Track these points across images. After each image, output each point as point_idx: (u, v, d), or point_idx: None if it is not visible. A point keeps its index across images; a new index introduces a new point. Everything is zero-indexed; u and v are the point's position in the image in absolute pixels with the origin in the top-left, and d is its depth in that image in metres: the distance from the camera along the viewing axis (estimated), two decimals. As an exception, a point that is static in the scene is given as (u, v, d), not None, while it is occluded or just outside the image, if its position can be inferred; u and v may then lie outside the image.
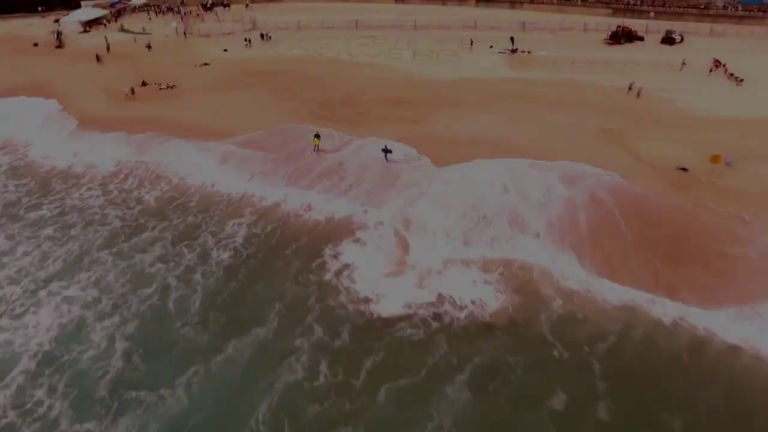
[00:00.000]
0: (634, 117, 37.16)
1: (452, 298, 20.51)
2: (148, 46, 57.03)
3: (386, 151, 30.81)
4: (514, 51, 53.13)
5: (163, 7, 76.10)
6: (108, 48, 57.05)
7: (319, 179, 29.82)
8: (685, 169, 29.60)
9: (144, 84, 45.29)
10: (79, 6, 78.68)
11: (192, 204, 28.02)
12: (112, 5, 75.52)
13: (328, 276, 22.10)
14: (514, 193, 27.19)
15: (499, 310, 20.26)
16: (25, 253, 24.51)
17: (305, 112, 38.40)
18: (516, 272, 22.58)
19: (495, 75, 46.77)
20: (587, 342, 19.15)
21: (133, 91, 43.22)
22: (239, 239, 24.43)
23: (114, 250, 23.80)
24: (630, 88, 41.28)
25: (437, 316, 19.90)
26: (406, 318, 19.62)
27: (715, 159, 28.35)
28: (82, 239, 25.39)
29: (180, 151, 33.64)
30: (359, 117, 37.53)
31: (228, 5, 75.97)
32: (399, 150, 31.79)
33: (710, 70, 46.03)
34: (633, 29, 56.54)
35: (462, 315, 19.97)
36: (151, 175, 31.69)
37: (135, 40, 61.28)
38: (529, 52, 52.88)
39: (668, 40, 55.49)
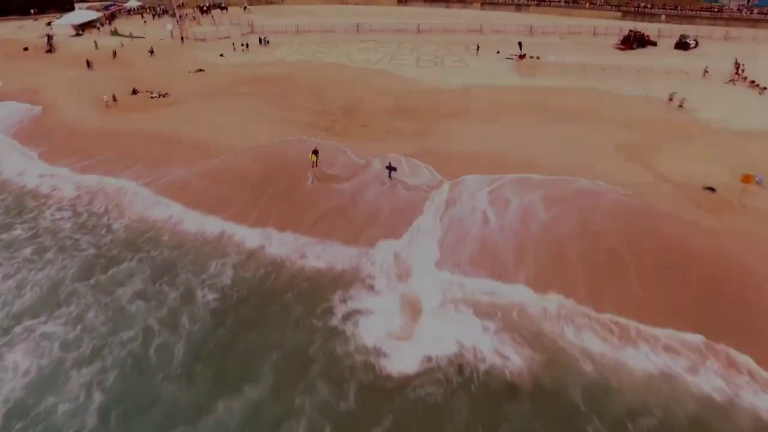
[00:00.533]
0: (653, 129, 34.97)
1: (468, 349, 18.25)
2: (151, 51, 54.77)
3: (390, 168, 28.65)
4: (522, 56, 50.98)
5: (158, 9, 74.02)
6: (113, 51, 54.95)
7: (319, 222, 25.66)
8: (712, 189, 27.43)
9: (134, 92, 43.15)
10: (72, 8, 76.72)
11: (164, 238, 25.11)
12: (106, 8, 73.41)
13: (330, 325, 19.59)
14: (495, 222, 24.79)
15: (520, 366, 17.96)
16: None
17: (303, 122, 36.23)
18: (519, 320, 19.94)
19: (503, 82, 44.60)
20: (626, 417, 16.43)
21: (114, 98, 41.00)
22: (226, 280, 21.82)
23: (92, 281, 21.65)
24: (671, 99, 38.79)
25: (448, 374, 17.56)
26: (419, 376, 17.35)
27: (747, 179, 26.17)
28: (59, 265, 23.32)
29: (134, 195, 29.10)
30: (361, 129, 35.37)
31: (225, 8, 73.87)
32: (410, 168, 29.65)
33: (731, 79, 43.84)
34: (645, 34, 54.37)
35: (481, 370, 17.63)
36: (111, 203, 28.61)
37: (122, 44, 59.18)
38: (537, 58, 50.73)
39: (682, 45, 53.32)
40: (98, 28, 67.09)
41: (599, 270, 21.75)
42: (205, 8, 73.44)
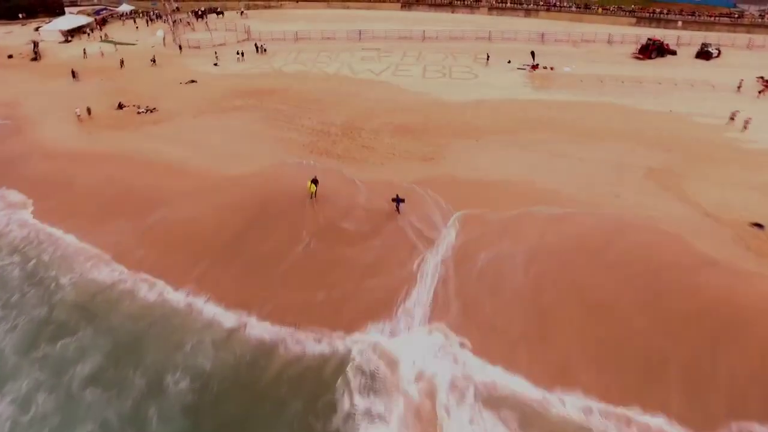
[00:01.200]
0: (683, 150, 31.95)
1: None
2: (152, 61, 51.55)
3: (398, 200, 25.61)
4: (535, 67, 47.93)
5: (152, 14, 71.02)
6: (120, 60, 52.36)
7: (311, 299, 20.90)
8: (760, 226, 24.42)
9: (120, 107, 40.18)
10: (63, 13, 73.72)
11: (124, 305, 20.86)
12: (97, 13, 70.41)
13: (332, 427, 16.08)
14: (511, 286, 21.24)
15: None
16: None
17: (300, 144, 33.20)
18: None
19: (516, 96, 41.56)
20: None
21: (89, 112, 37.99)
22: (203, 364, 17.81)
23: (39, 354, 18.40)
24: (732, 119, 35.03)
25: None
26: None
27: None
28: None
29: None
30: (364, 151, 32.32)
31: (221, 13, 70.83)
32: (417, 201, 26.54)
33: (759, 92, 40.79)
34: (664, 42, 51.26)
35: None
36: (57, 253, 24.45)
37: (117, 48, 56.17)
38: (551, 69, 47.68)
39: (704, 54, 50.19)
40: (88, 34, 64.07)
41: (630, 365, 17.83)
42: (200, 13, 70.44)
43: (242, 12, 69.94)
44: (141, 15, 71.83)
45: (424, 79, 45.69)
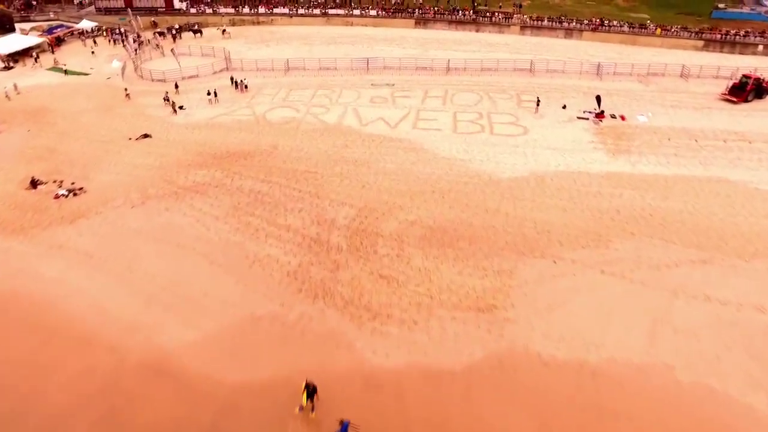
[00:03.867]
0: None
1: None
2: (127, 94, 39.76)
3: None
4: (600, 115, 36.29)
5: (117, 32, 59.30)
6: (125, 91, 40.65)
7: None
8: None
9: (34, 184, 28.49)
10: (13, 29, 61.92)
11: None
12: (50, 31, 58.60)
13: None
14: None
15: None
16: None
17: (284, 271, 21.37)
18: None
19: (588, 166, 29.91)
20: None
21: None
22: None
23: None
24: None
25: None
26: None
27: None
28: None
29: None
30: (383, 288, 20.44)
31: (200, 31, 59.07)
32: None
33: None
34: (763, 78, 39.54)
35: None
36: None
37: (65, 72, 44.52)
38: (622, 118, 36.05)
39: (818, 95, 38.66)
40: (36, 59, 52.23)
41: None
42: (175, 31, 58.76)
43: (224, 30, 58.13)
44: (104, 33, 60.09)
45: (455, 134, 33.97)
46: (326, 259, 22.01)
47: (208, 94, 39.78)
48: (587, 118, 36.12)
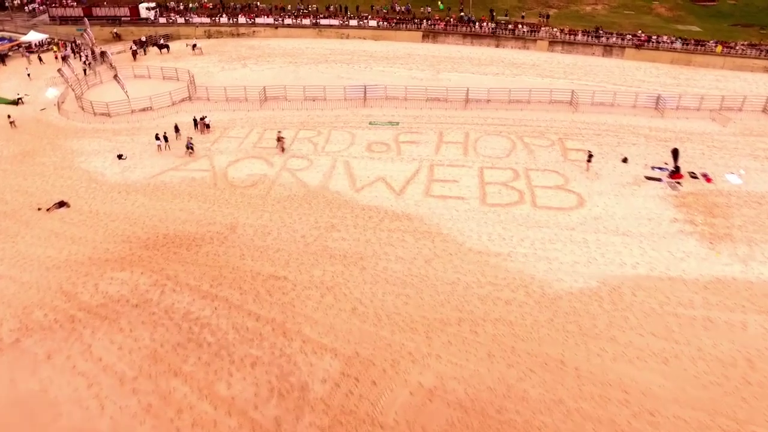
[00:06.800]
0: None
1: None
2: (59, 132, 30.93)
3: None
4: (677, 174, 27.00)
5: (71, 47, 49.97)
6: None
7: None
8: None
9: None
10: (-50, 42, 52.78)
11: None
12: (-13, 46, 49.41)
13: None
14: None
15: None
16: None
17: None
18: None
19: (680, 267, 20.56)
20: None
21: None
22: None
23: None
24: None
25: None
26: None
27: None
28: None
29: None
30: None
31: (167, 46, 49.73)
32: None
33: None
34: None
35: None
36: None
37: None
38: (706, 178, 26.74)
39: None
40: (-36, 81, 43.04)
41: None
42: (135, 47, 49.44)
43: (194, 46, 48.70)
44: (56, 48, 50.76)
45: (485, 206, 24.60)
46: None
47: (157, 138, 30.43)
48: (660, 179, 26.81)
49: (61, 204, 25.52)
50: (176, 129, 31.64)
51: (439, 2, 56.32)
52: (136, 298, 19.10)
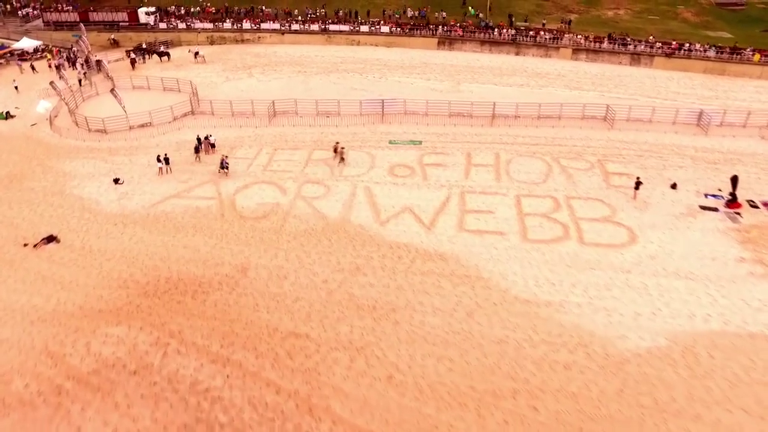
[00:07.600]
0: None
1: None
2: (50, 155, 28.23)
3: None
4: (735, 203, 24.34)
5: (67, 55, 47.28)
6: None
7: None
8: None
9: None
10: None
11: None
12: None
13: None
14: None
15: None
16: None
17: None
18: None
19: (758, 320, 17.92)
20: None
21: None
22: None
23: None
24: None
25: None
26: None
27: None
28: None
29: None
30: None
31: (167, 54, 47.03)
32: None
33: None
34: None
35: None
36: None
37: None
38: (769, 209, 24.13)
39: None
40: (-50, 92, 40.27)
41: None
42: (134, 55, 46.72)
43: (197, 54, 45.95)
44: (51, 56, 48.05)
45: (527, 243, 21.91)
46: None
47: (158, 160, 27.71)
48: (716, 209, 24.16)
49: (50, 239, 22.81)
50: (197, 148, 28.92)
51: (470, 7, 53.22)
52: (135, 362, 16.40)
